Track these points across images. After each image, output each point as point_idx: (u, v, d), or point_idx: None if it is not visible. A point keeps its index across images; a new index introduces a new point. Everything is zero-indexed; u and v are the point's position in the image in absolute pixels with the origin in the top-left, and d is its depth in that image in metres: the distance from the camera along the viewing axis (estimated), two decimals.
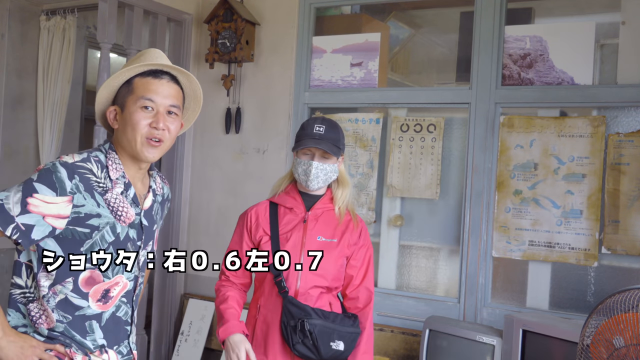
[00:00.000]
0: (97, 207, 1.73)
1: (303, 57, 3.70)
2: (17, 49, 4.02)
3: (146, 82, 1.79)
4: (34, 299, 1.76)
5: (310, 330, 2.23)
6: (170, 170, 3.98)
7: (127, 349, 1.90)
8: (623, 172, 2.96)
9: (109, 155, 1.81)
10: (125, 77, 1.81)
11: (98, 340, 1.80)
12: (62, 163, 1.70)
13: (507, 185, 3.19)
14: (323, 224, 2.36)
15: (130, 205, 1.82)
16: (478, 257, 3.19)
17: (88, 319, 1.78)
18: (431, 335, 2.93)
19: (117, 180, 1.79)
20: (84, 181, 1.71)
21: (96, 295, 1.78)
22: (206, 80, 3.95)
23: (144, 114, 1.77)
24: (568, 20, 3.40)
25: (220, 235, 3.87)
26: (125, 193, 1.81)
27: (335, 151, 2.31)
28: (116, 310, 1.83)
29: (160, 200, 1.98)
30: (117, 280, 1.81)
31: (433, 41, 4.02)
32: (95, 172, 1.75)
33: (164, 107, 1.79)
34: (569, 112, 3.16)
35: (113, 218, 1.77)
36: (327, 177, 2.34)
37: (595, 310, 2.09)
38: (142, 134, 1.77)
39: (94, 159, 1.77)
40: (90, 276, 1.75)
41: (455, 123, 3.41)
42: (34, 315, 1.76)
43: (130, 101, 1.78)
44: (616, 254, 2.97)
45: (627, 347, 1.93)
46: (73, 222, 1.71)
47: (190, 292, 3.98)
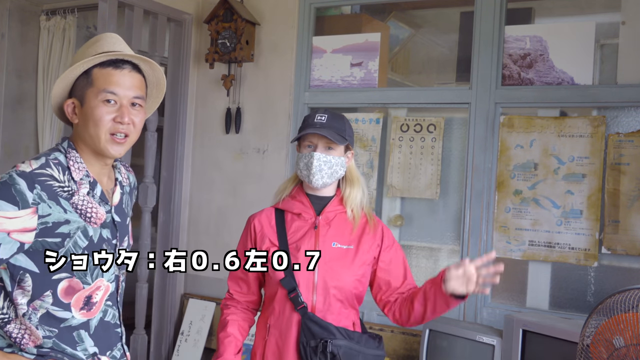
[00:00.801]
0: (64, 213, 1.62)
1: (303, 57, 3.70)
2: (17, 49, 4.02)
3: (107, 73, 1.66)
4: (9, 319, 1.65)
5: (333, 352, 1.99)
6: (170, 170, 3.98)
7: (121, 352, 1.82)
8: (623, 172, 2.96)
9: (69, 154, 1.68)
10: (83, 69, 1.67)
11: (89, 349, 1.71)
12: (20, 173, 1.57)
13: (507, 185, 3.19)
14: (336, 229, 2.12)
15: (99, 205, 1.71)
16: (478, 257, 3.19)
17: (75, 329, 1.68)
18: (431, 335, 2.93)
19: (82, 180, 1.68)
20: (45, 189, 1.58)
21: (78, 304, 1.68)
22: (206, 80, 3.96)
23: (106, 108, 1.65)
24: (568, 20, 3.40)
25: (220, 235, 3.88)
26: (91, 193, 1.69)
27: (339, 139, 2.06)
28: (104, 315, 1.75)
29: (128, 191, 1.88)
30: (97, 285, 1.71)
31: (433, 41, 4.02)
32: (56, 177, 1.62)
33: (127, 100, 1.67)
34: (569, 112, 3.16)
35: (83, 221, 1.66)
36: (332, 171, 2.09)
37: (595, 310, 2.09)
38: (106, 129, 1.65)
39: (54, 162, 1.63)
40: (69, 285, 1.65)
41: (455, 123, 3.41)
42: (16, 336, 1.65)
43: (90, 94, 1.65)
44: (616, 254, 2.97)
45: (627, 347, 1.93)
46: (41, 233, 1.59)
47: (190, 292, 3.98)
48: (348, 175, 2.18)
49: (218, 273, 2.26)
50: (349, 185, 2.17)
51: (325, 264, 2.07)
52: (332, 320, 2.05)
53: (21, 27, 4.04)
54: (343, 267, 2.07)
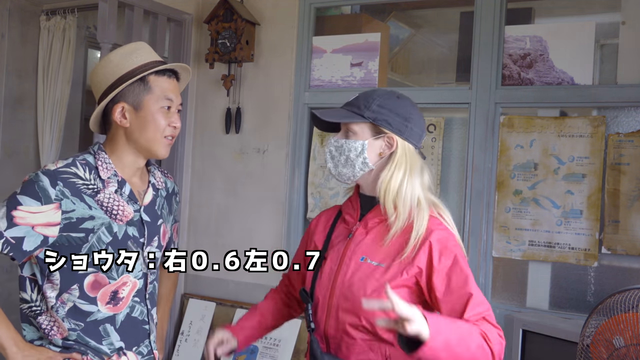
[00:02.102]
0: (88, 209, 1.71)
1: (303, 57, 3.70)
2: (17, 49, 4.02)
3: (163, 81, 1.82)
4: (41, 311, 1.76)
5: None
6: (171, 170, 3.98)
7: (148, 349, 1.87)
8: (623, 172, 2.96)
9: (99, 155, 1.80)
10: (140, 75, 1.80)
11: (115, 343, 1.77)
12: (44, 171, 1.70)
13: (507, 185, 3.19)
14: (372, 241, 1.70)
15: (127, 203, 1.79)
16: (478, 257, 3.19)
17: (101, 323, 1.76)
18: None
19: (109, 179, 1.78)
20: (68, 186, 1.70)
21: (104, 298, 1.76)
22: (206, 80, 3.96)
23: (164, 113, 1.81)
24: (568, 20, 3.40)
25: (220, 235, 3.88)
26: (119, 191, 1.79)
27: (349, 116, 1.68)
28: (131, 311, 1.81)
29: (165, 195, 1.96)
30: (124, 281, 1.78)
31: (433, 41, 4.03)
32: (81, 175, 1.73)
33: (176, 106, 1.85)
34: (569, 112, 3.16)
35: (108, 218, 1.75)
36: (346, 157, 1.69)
37: (595, 310, 2.09)
38: (165, 133, 1.81)
39: (81, 162, 1.76)
40: (95, 280, 1.74)
41: (455, 123, 3.41)
42: (45, 327, 1.75)
43: (150, 100, 1.79)
44: (616, 254, 2.96)
45: (627, 347, 1.93)
46: (66, 228, 1.69)
47: (190, 292, 3.98)
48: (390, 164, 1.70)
49: (218, 273, 2.27)
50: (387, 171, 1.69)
51: (344, 282, 1.69)
52: (351, 354, 1.66)
53: (21, 27, 4.04)
54: (365, 287, 1.65)
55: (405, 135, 1.71)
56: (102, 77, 1.82)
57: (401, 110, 1.71)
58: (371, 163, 1.71)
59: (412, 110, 1.73)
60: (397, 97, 1.73)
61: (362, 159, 1.69)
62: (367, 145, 1.69)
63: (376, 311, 1.53)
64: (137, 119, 1.79)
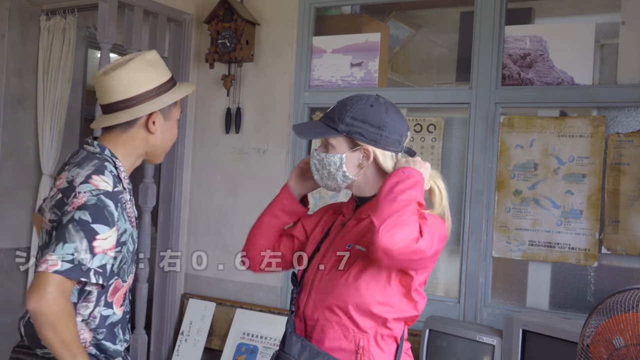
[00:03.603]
0: (124, 223, 1.74)
1: (303, 57, 3.70)
2: (17, 49, 4.02)
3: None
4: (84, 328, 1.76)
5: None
6: (170, 170, 3.98)
7: (129, 333, 1.93)
8: (623, 172, 2.96)
9: (116, 163, 1.78)
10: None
11: (123, 339, 1.82)
12: (105, 194, 1.67)
13: (507, 185, 3.19)
14: (362, 230, 1.76)
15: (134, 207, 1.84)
16: (478, 257, 3.19)
17: (116, 325, 1.79)
18: (431, 335, 2.93)
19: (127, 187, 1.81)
20: (121, 206, 1.72)
21: (119, 301, 1.79)
22: (206, 80, 3.96)
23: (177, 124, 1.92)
24: (568, 20, 3.40)
25: (220, 235, 3.87)
26: (131, 197, 1.82)
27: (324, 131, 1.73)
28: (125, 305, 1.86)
29: None
30: (130, 281, 1.84)
31: (433, 41, 4.03)
32: (122, 191, 1.75)
33: None
34: (569, 112, 3.16)
35: (132, 228, 1.78)
36: (327, 171, 1.76)
37: (595, 310, 2.09)
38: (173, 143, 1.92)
39: (113, 176, 1.73)
40: (114, 286, 1.76)
41: (455, 123, 3.41)
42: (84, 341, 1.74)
43: (175, 112, 1.88)
44: (616, 254, 2.97)
45: (627, 347, 1.93)
46: (117, 245, 1.71)
47: (190, 292, 3.98)
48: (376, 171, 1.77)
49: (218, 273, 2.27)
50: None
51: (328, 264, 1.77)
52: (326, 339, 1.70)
53: (21, 27, 4.03)
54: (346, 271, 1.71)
55: (380, 145, 1.73)
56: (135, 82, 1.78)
57: (374, 119, 1.72)
58: (352, 175, 1.75)
59: (385, 118, 1.73)
60: (371, 105, 1.74)
61: (342, 173, 1.75)
62: (345, 158, 1.74)
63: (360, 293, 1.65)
64: (162, 128, 1.84)
